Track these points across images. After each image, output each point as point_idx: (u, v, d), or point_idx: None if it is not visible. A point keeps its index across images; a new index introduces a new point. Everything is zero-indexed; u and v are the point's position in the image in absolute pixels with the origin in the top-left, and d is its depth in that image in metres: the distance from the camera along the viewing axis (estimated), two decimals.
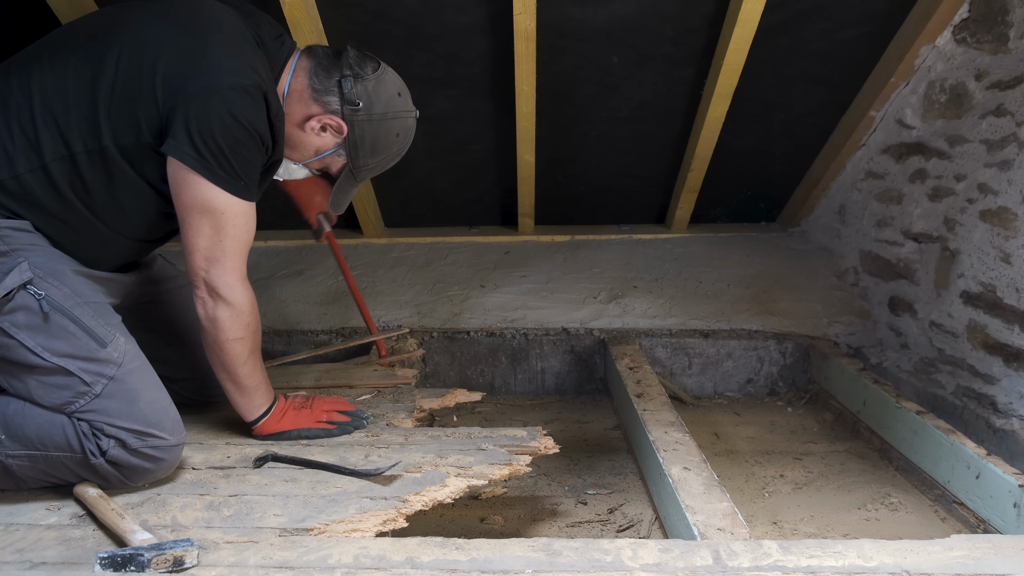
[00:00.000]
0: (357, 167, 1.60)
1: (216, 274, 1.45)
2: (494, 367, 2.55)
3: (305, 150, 1.59)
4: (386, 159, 1.62)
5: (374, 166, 1.62)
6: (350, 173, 1.61)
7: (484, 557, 1.19)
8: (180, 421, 1.49)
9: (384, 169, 1.66)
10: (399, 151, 1.63)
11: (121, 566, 1.14)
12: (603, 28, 2.19)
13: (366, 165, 1.60)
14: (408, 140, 1.63)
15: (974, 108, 2.06)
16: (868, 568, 1.15)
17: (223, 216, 1.42)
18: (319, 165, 1.64)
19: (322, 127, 1.55)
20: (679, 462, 1.58)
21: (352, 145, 1.56)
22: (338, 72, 1.52)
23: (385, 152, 1.60)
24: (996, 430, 1.81)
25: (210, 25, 1.42)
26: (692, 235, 2.94)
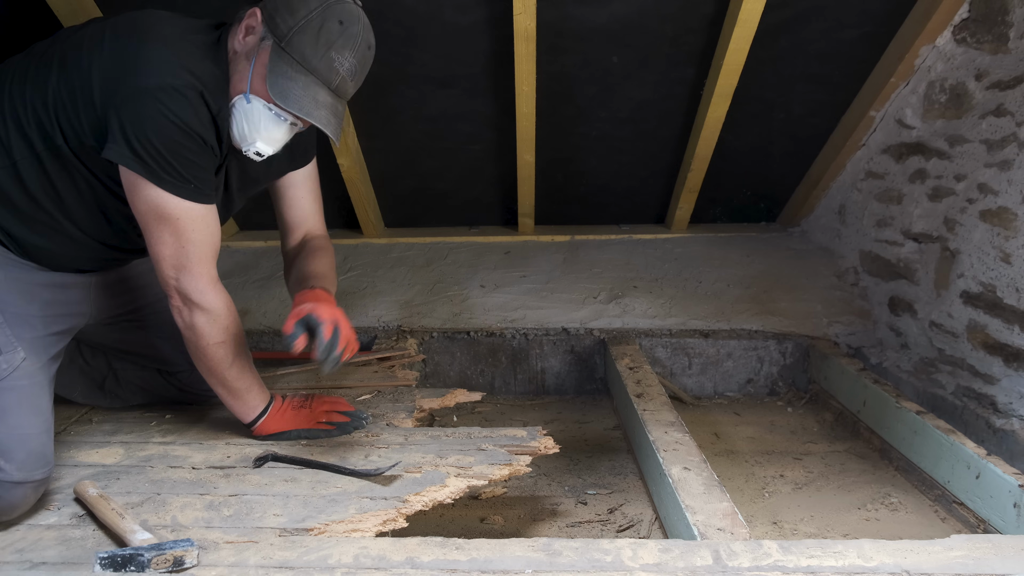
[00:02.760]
0: (280, 33, 1.36)
1: (186, 281, 1.44)
2: (494, 367, 2.55)
3: (239, 66, 1.41)
4: (312, 17, 1.36)
5: (299, 26, 1.35)
6: (277, 47, 1.37)
7: (484, 557, 1.19)
8: (43, 459, 1.38)
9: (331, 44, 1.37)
10: (326, 7, 1.36)
11: (121, 566, 1.14)
12: (603, 28, 2.19)
13: (289, 27, 1.35)
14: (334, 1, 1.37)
15: (974, 108, 2.06)
16: (868, 568, 1.15)
17: (179, 222, 1.40)
18: (259, 74, 1.38)
19: (245, 31, 1.41)
20: (679, 462, 1.58)
21: (268, 20, 1.38)
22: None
23: (304, 6, 1.36)
24: (996, 430, 1.81)
25: (148, 31, 1.39)
26: (692, 235, 2.94)
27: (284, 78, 1.36)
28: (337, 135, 1.43)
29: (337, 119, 1.43)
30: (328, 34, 1.36)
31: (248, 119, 1.40)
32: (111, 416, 1.84)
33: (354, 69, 1.40)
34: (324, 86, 1.39)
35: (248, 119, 1.40)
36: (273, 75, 1.37)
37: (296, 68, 1.36)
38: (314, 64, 1.37)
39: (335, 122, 1.42)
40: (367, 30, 1.41)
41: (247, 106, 1.39)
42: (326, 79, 1.38)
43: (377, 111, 2.48)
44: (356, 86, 1.45)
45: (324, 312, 1.46)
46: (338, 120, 1.43)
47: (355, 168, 2.59)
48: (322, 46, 1.36)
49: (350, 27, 1.37)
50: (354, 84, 1.43)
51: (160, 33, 1.39)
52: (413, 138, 2.60)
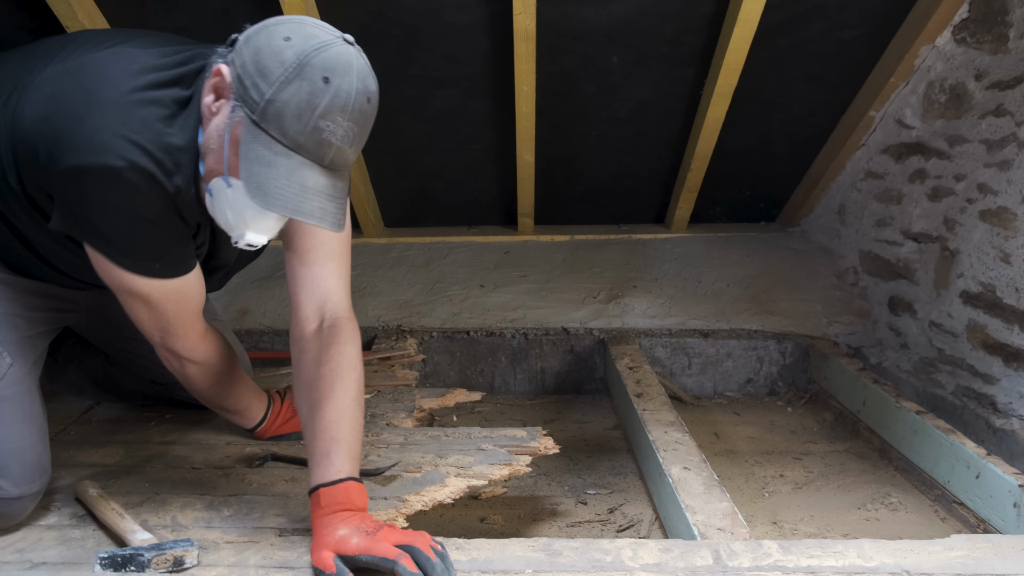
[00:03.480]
0: (252, 103, 1.07)
1: (172, 342, 1.34)
2: (494, 367, 2.55)
3: (213, 142, 1.14)
4: (290, 79, 1.05)
5: (274, 94, 1.05)
6: (250, 122, 1.08)
7: (484, 557, 1.19)
8: (40, 470, 1.33)
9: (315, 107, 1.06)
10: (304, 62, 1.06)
11: (121, 566, 1.14)
12: (603, 28, 2.19)
13: (262, 95, 1.06)
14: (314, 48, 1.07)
15: (974, 108, 2.06)
16: (868, 568, 1.15)
17: (151, 298, 1.26)
18: (233, 147, 1.11)
19: (215, 95, 1.14)
20: (679, 462, 1.58)
21: (237, 82, 1.09)
22: None
23: (278, 65, 1.06)
24: (996, 430, 1.81)
25: (98, 89, 1.14)
26: (692, 235, 2.94)
27: (261, 165, 1.07)
28: (337, 224, 1.13)
29: (336, 203, 1.13)
30: (311, 97, 1.05)
31: (231, 207, 1.14)
32: (111, 416, 1.84)
33: (351, 134, 1.10)
34: (315, 164, 1.09)
35: (231, 207, 1.14)
36: (248, 162, 1.07)
37: (275, 149, 1.07)
38: (298, 140, 1.07)
39: (333, 208, 1.12)
40: (364, 76, 1.10)
41: (228, 192, 1.13)
42: (315, 156, 1.09)
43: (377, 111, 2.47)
44: (357, 150, 1.15)
45: (381, 548, 1.11)
46: (338, 204, 1.13)
47: (355, 168, 2.59)
48: (305, 115, 1.06)
49: (339, 81, 1.06)
50: (354, 150, 1.13)
51: (111, 92, 1.14)
52: (413, 138, 2.60)
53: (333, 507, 1.15)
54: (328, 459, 1.19)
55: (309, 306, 1.35)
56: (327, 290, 1.36)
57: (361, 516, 1.16)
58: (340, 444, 1.20)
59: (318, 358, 1.29)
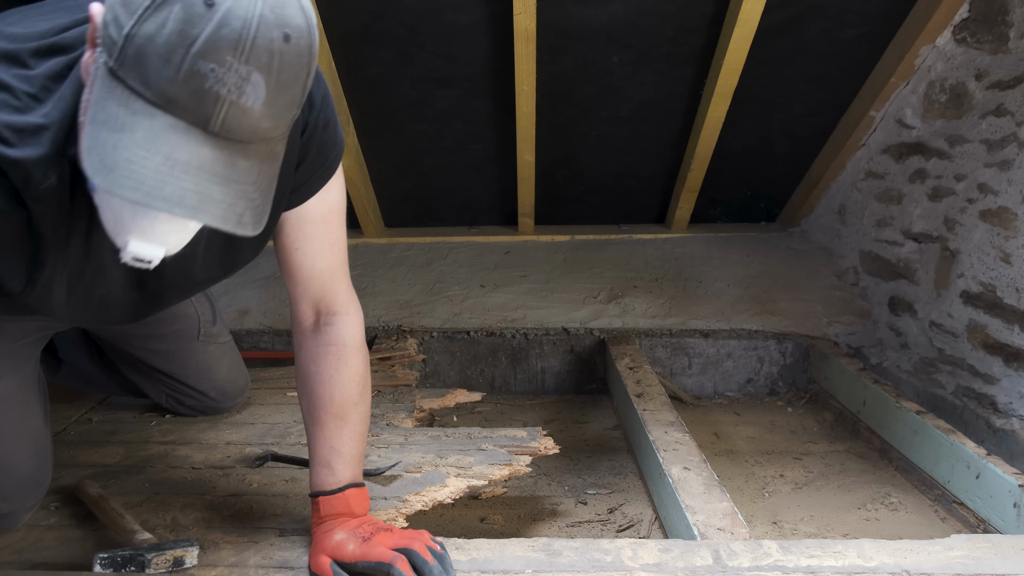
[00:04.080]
0: (109, 42, 0.76)
1: None
2: (494, 367, 2.55)
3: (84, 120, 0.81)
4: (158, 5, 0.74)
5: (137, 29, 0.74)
6: (106, 68, 0.77)
7: (484, 557, 1.19)
8: (35, 484, 1.28)
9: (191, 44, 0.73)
10: None
11: (121, 566, 1.14)
12: (603, 28, 2.19)
13: (121, 29, 0.75)
14: None
15: (974, 108, 2.06)
16: (868, 568, 1.15)
17: None
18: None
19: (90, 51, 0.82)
20: (679, 462, 1.58)
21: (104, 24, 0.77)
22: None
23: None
24: (996, 430, 1.81)
25: None
26: (692, 235, 2.94)
27: (110, 128, 0.76)
28: (235, 220, 0.78)
29: (230, 188, 0.78)
30: (185, 26, 0.73)
31: (108, 202, 0.83)
32: (111, 416, 1.84)
33: (256, 85, 0.76)
34: (193, 128, 0.76)
35: (108, 202, 0.83)
36: (94, 126, 0.76)
37: (133, 107, 0.76)
38: (167, 92, 0.75)
39: (221, 195, 0.77)
40: (280, 3, 0.77)
41: None
42: (195, 115, 0.76)
43: (377, 111, 2.48)
44: (276, 113, 0.79)
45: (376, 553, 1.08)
46: (234, 191, 0.78)
47: (355, 168, 2.59)
48: (176, 53, 0.74)
49: (230, 4, 0.74)
50: (265, 111, 0.78)
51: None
52: (413, 138, 2.60)
53: (331, 515, 1.15)
54: (329, 468, 1.17)
55: (304, 301, 1.20)
56: (321, 283, 1.19)
57: (359, 521, 1.15)
58: (340, 453, 1.17)
59: (316, 359, 1.20)
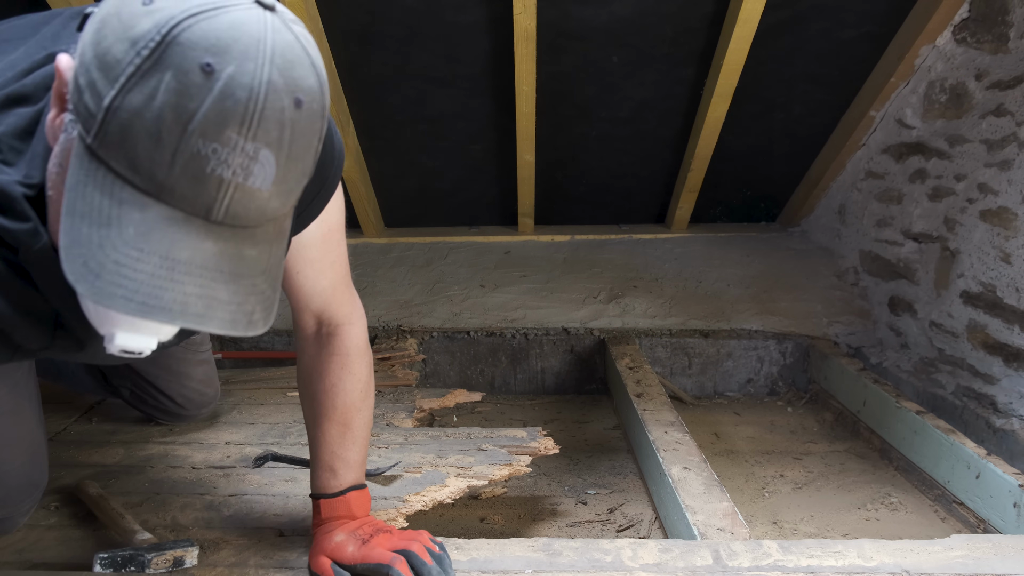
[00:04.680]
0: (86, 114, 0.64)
1: None
2: (494, 367, 2.55)
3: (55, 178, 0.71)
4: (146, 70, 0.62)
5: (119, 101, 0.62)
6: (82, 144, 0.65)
7: (484, 557, 1.19)
8: (30, 488, 1.27)
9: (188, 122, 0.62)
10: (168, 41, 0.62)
11: (121, 566, 1.14)
12: (603, 28, 2.19)
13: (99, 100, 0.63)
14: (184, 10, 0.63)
15: (974, 108, 2.06)
16: (868, 568, 1.15)
17: None
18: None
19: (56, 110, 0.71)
20: (679, 462, 1.58)
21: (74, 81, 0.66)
22: None
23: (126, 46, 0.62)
24: (996, 430, 1.81)
25: None
26: (692, 235, 2.94)
27: (92, 222, 0.65)
28: (241, 324, 0.69)
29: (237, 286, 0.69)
30: (180, 98, 0.62)
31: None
32: (111, 416, 1.84)
33: (264, 164, 0.66)
34: (194, 219, 0.66)
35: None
36: (73, 217, 0.65)
37: (120, 195, 0.65)
38: (159, 177, 0.64)
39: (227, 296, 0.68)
40: (287, 62, 0.66)
41: None
42: (193, 204, 0.66)
43: (377, 111, 2.48)
44: (287, 190, 0.70)
45: (375, 555, 1.07)
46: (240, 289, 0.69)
47: (355, 168, 2.59)
48: (170, 132, 0.63)
49: (233, 70, 0.63)
50: (276, 190, 0.68)
51: None
52: (413, 138, 2.60)
53: (332, 517, 1.15)
54: (331, 471, 1.16)
55: (306, 313, 1.16)
56: (323, 299, 1.15)
57: (359, 522, 1.15)
58: (342, 458, 1.16)
59: (319, 368, 1.17)
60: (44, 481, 1.34)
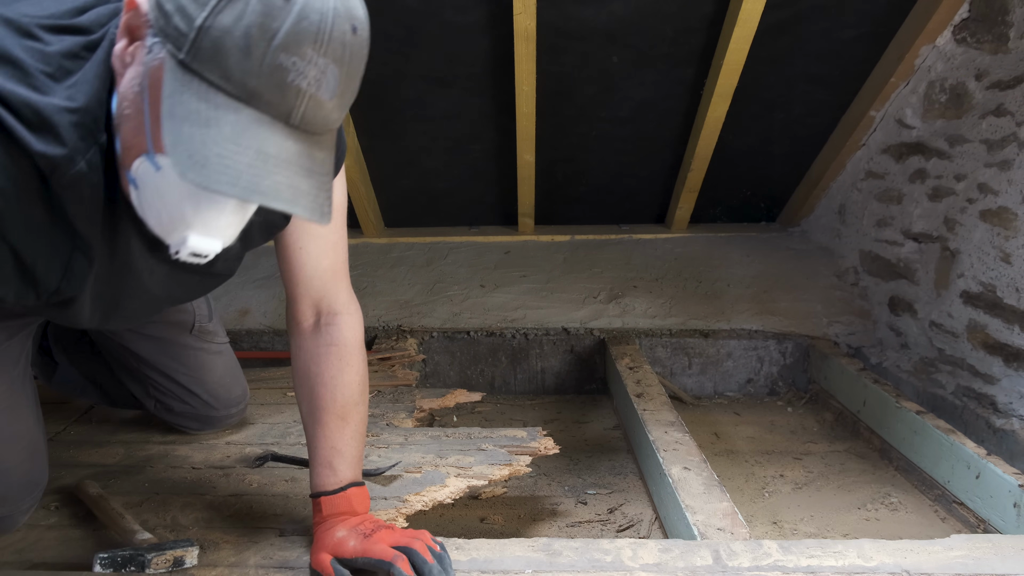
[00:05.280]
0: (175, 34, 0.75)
1: None
2: (494, 367, 2.55)
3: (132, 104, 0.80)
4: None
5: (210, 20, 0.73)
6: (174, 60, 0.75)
7: (484, 557, 1.19)
8: (29, 486, 1.27)
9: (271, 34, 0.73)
10: None
11: (121, 566, 1.14)
12: (603, 28, 2.19)
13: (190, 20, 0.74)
14: None
15: (974, 108, 2.06)
16: (868, 568, 1.15)
17: None
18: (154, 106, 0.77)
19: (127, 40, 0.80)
20: (679, 462, 1.58)
21: (156, 10, 0.76)
22: None
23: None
24: (996, 430, 1.81)
25: None
26: (692, 235, 2.94)
27: (194, 123, 0.74)
28: (318, 211, 0.79)
29: (315, 180, 0.80)
30: (265, 19, 0.73)
31: (163, 199, 0.80)
32: (111, 416, 1.84)
33: (331, 78, 0.77)
34: (276, 122, 0.77)
35: (163, 199, 0.80)
36: (174, 120, 0.74)
37: (215, 100, 0.75)
38: (249, 85, 0.74)
39: (308, 187, 0.79)
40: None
41: (157, 177, 0.79)
42: (277, 109, 0.76)
43: (377, 111, 2.48)
44: (342, 108, 0.82)
45: (377, 549, 1.07)
46: (317, 183, 0.80)
47: (355, 168, 2.59)
48: (258, 46, 0.73)
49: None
50: (337, 104, 0.80)
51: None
52: (413, 138, 2.60)
53: (334, 514, 1.14)
54: (330, 467, 1.16)
55: (304, 301, 1.19)
56: (323, 282, 1.19)
57: (361, 518, 1.15)
58: (341, 453, 1.17)
59: (317, 360, 1.19)
60: (44, 479, 1.34)
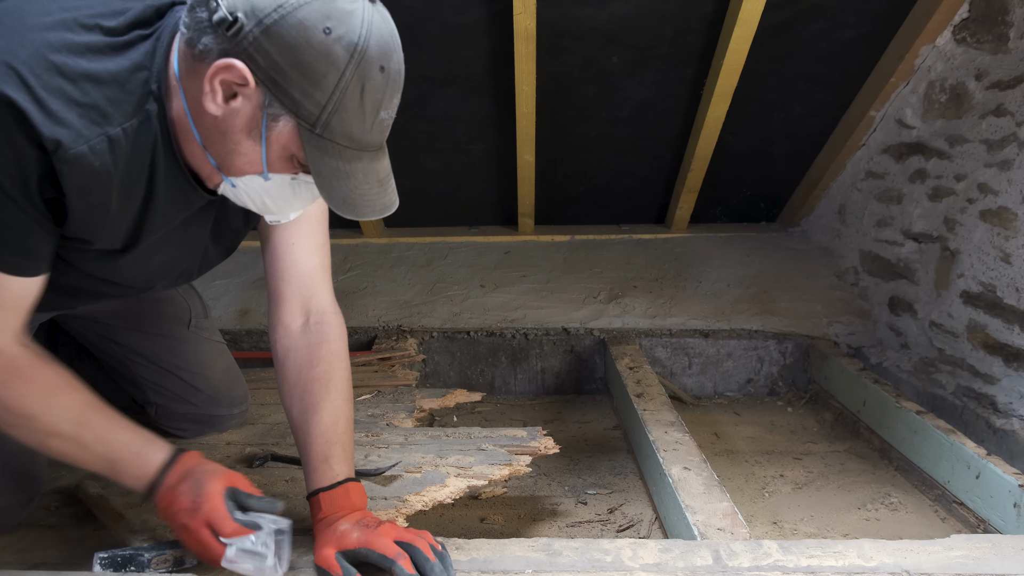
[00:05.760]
0: (308, 115, 0.96)
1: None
2: (494, 367, 2.55)
3: (241, 146, 1.01)
4: (348, 82, 0.94)
5: (336, 103, 0.95)
6: (311, 134, 0.97)
7: (484, 557, 1.19)
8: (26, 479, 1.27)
9: (380, 103, 0.99)
10: (359, 57, 0.94)
11: (121, 566, 1.14)
12: (603, 28, 2.19)
13: (319, 105, 0.95)
14: (362, 34, 0.94)
15: (974, 108, 2.06)
16: (868, 568, 1.15)
17: None
18: (283, 158, 1.02)
19: (226, 93, 0.97)
20: (679, 462, 1.58)
21: (272, 86, 0.94)
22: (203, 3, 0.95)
23: (330, 68, 0.93)
24: (996, 430, 1.81)
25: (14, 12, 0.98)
26: (692, 235, 2.94)
27: (339, 178, 1.00)
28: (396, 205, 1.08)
29: (392, 181, 1.08)
30: (374, 94, 0.96)
31: (271, 196, 1.08)
32: None
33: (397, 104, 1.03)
34: (376, 152, 1.03)
35: (271, 196, 1.08)
36: (324, 178, 0.99)
37: (346, 156, 0.99)
38: (364, 140, 1.00)
39: (393, 189, 1.07)
40: (397, 39, 1.00)
41: (266, 184, 1.06)
42: (377, 145, 1.03)
43: None
44: None
45: (381, 543, 1.08)
46: (392, 181, 1.08)
47: None
48: (371, 113, 0.98)
49: (391, 63, 0.97)
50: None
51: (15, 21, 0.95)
52: (413, 138, 2.60)
53: (334, 509, 1.14)
54: (327, 463, 1.17)
55: (293, 302, 1.27)
56: (313, 280, 1.28)
57: (362, 513, 1.15)
58: (336, 447, 1.18)
59: (309, 359, 1.24)
60: (43, 477, 1.34)
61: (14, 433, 1.06)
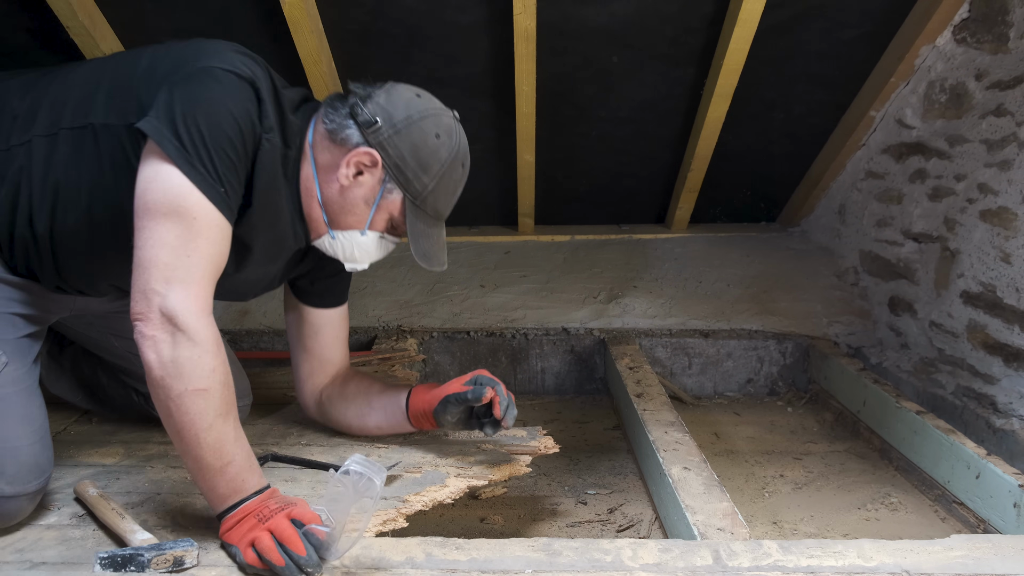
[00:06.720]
0: (415, 192, 1.34)
1: (177, 299, 1.12)
2: (494, 367, 2.55)
3: (356, 208, 1.36)
4: (444, 172, 1.36)
5: (434, 185, 1.35)
6: (413, 205, 1.35)
7: (484, 557, 1.19)
8: (37, 470, 1.30)
9: (456, 190, 1.42)
10: (453, 157, 1.36)
11: (121, 566, 1.14)
12: (603, 28, 2.19)
13: (425, 186, 1.34)
14: (456, 142, 1.38)
15: (974, 108, 2.06)
16: (868, 568, 1.15)
17: (195, 223, 1.15)
18: (384, 219, 1.38)
19: (357, 170, 1.32)
20: (679, 462, 1.58)
21: (395, 169, 1.32)
22: (346, 103, 1.34)
23: (436, 162, 1.34)
24: (996, 430, 1.81)
25: (204, 40, 1.33)
26: (692, 235, 2.94)
27: (423, 238, 1.38)
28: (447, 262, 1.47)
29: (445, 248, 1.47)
30: (454, 182, 1.40)
31: (361, 248, 1.42)
32: (111, 416, 1.84)
33: None
34: (442, 223, 1.44)
35: (361, 248, 1.42)
36: (414, 237, 1.36)
37: (429, 222, 1.39)
38: (443, 213, 1.42)
39: (446, 250, 1.47)
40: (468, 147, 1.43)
41: (361, 239, 1.40)
42: (445, 217, 1.44)
43: None
44: None
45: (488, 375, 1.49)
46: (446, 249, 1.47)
47: None
48: (451, 194, 1.41)
49: (466, 163, 1.42)
50: None
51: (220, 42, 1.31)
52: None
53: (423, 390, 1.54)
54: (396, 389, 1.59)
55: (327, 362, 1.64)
56: (342, 353, 1.66)
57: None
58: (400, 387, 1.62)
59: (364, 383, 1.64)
60: (50, 468, 1.35)
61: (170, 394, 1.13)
